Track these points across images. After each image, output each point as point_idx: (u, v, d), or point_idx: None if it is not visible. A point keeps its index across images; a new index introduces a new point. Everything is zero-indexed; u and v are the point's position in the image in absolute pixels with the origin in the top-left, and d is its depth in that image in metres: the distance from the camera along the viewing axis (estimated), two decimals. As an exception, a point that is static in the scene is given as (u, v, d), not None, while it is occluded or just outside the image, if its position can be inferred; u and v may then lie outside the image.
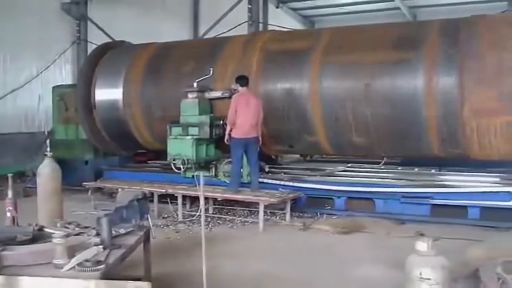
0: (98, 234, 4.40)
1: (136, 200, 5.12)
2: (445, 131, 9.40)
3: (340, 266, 6.80)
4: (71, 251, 3.86)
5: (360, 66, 9.93)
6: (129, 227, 4.86)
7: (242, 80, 10.07)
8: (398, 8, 23.67)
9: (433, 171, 10.84)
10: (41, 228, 4.65)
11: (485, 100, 8.88)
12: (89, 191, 11.34)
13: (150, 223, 5.24)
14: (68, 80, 17.21)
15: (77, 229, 4.74)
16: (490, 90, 8.84)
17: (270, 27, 19.29)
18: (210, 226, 9.21)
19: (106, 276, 3.65)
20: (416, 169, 11.02)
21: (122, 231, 4.70)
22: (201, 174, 5.30)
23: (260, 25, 19.51)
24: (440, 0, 23.27)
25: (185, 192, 10.22)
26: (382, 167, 11.66)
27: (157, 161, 13.41)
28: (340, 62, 10.17)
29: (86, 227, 4.79)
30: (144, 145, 12.98)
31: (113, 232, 4.48)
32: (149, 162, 13.79)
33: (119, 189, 9.32)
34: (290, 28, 17.36)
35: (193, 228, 9.08)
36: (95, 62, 12.97)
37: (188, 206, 10.50)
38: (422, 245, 4.67)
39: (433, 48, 9.43)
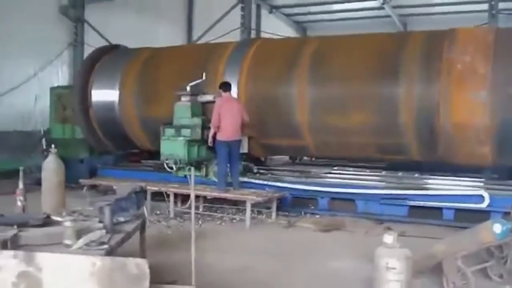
0: (100, 222, 4.93)
1: (134, 192, 5.65)
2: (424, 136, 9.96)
3: (317, 258, 7.33)
4: (78, 234, 4.38)
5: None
6: (128, 216, 5.40)
7: (225, 86, 10.57)
8: (389, 16, 24.07)
9: (416, 175, 11.26)
10: (48, 216, 5.17)
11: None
12: (85, 188, 11.72)
13: (146, 213, 5.73)
14: (65, 82, 17.45)
15: (81, 217, 5.26)
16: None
17: (262, 34, 19.76)
18: (200, 222, 9.62)
19: (109, 255, 4.16)
20: (400, 173, 11.44)
21: (121, 219, 5.25)
22: (193, 172, 5.63)
23: (253, 31, 19.86)
24: (430, 9, 23.73)
25: (177, 190, 10.50)
26: (367, 171, 12.09)
27: (150, 161, 13.69)
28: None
29: (88, 216, 5.31)
30: (138, 145, 13.35)
31: (114, 220, 5.00)
32: (142, 161, 14.12)
33: (114, 187, 9.78)
34: (281, 35, 17.78)
35: (184, 224, 9.48)
36: (92, 65, 13.40)
37: (179, 204, 10.71)
38: (388, 238, 5.21)
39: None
